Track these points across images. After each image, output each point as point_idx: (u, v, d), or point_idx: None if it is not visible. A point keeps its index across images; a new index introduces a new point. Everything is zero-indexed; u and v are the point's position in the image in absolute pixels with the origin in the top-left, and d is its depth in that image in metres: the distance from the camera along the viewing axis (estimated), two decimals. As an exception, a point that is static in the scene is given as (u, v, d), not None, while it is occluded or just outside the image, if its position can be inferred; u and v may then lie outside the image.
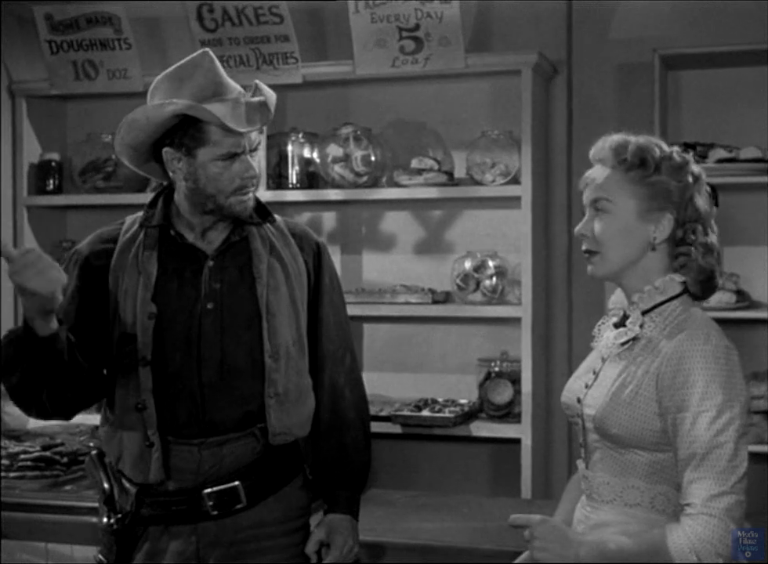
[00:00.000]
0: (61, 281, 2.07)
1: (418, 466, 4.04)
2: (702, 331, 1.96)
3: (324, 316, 2.45)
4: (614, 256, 2.04)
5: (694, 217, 2.04)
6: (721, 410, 1.90)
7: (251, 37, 3.84)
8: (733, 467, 1.89)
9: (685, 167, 2.04)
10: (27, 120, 4.27)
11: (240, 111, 2.24)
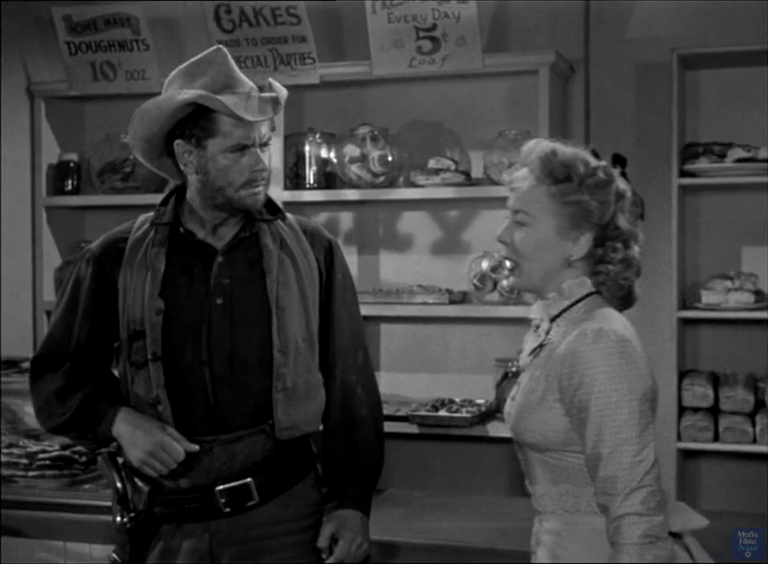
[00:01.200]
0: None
1: (434, 466, 4.04)
2: (594, 329, 1.93)
3: (336, 313, 2.45)
4: (532, 270, 2.04)
5: (615, 235, 2.01)
6: (619, 406, 1.89)
7: (269, 37, 3.84)
8: (639, 461, 1.89)
9: (609, 185, 2.00)
10: (46, 121, 4.30)
11: (252, 103, 2.26)
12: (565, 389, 1.95)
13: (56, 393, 2.36)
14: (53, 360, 2.39)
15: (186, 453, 2.27)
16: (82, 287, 2.38)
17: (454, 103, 4.01)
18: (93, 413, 2.33)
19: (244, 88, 2.28)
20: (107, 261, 2.37)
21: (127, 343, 2.33)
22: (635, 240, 2.05)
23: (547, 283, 2.05)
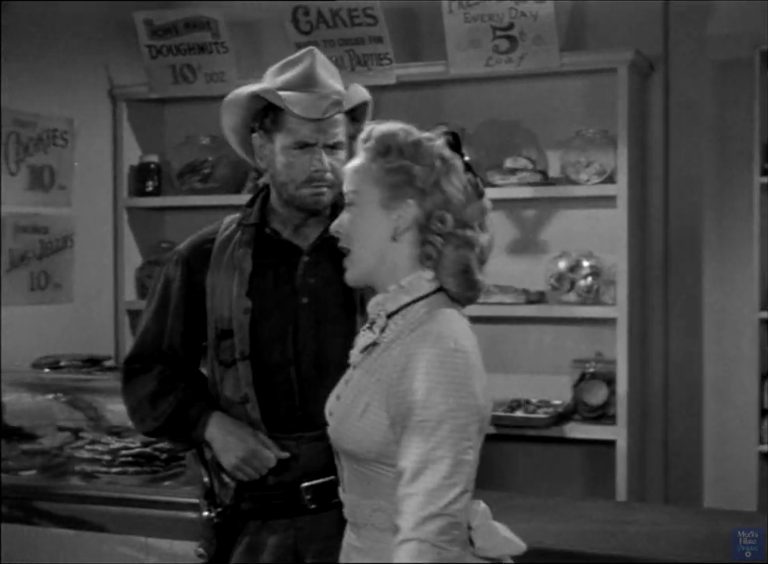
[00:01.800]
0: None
1: (511, 467, 4.02)
2: (433, 333, 1.77)
3: None
4: (363, 252, 1.87)
5: (442, 204, 1.83)
6: (442, 420, 1.70)
7: (346, 38, 3.86)
8: (450, 485, 1.69)
9: (431, 150, 1.84)
10: (128, 123, 4.37)
11: (321, 104, 2.28)
12: (392, 395, 1.76)
13: (149, 397, 2.40)
14: (145, 361, 2.43)
15: (276, 459, 2.30)
16: (172, 288, 2.42)
17: (531, 102, 3.99)
18: (186, 417, 2.36)
19: (322, 90, 2.30)
20: (195, 262, 2.41)
21: (215, 343, 2.36)
22: (471, 219, 1.86)
23: (377, 267, 1.87)
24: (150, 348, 2.44)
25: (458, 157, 1.88)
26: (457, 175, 1.85)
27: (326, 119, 2.29)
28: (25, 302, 3.98)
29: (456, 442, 1.70)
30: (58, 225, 4.09)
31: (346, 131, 2.34)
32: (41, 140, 4.01)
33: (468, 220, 1.85)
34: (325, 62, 2.38)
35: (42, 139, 4.01)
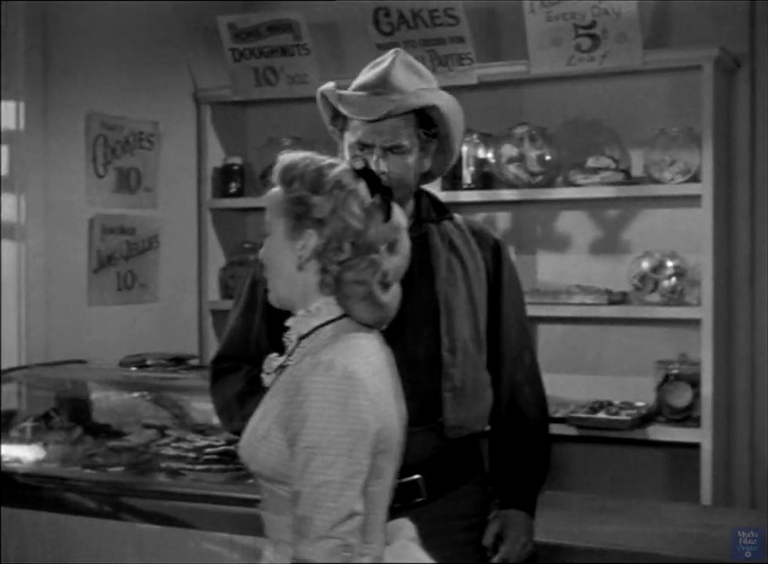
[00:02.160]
0: None
1: (593, 469, 3.99)
2: (324, 362, 1.79)
3: (503, 314, 2.45)
4: (276, 279, 1.94)
5: (340, 232, 1.86)
6: (329, 446, 1.75)
7: (427, 39, 3.87)
8: (336, 508, 1.73)
9: (329, 178, 1.87)
10: (211, 126, 4.44)
11: (376, 105, 2.28)
12: (286, 420, 1.81)
13: (237, 397, 2.42)
14: (233, 361, 2.46)
15: None
16: (258, 288, 2.45)
17: (614, 100, 3.95)
18: None
19: (391, 92, 2.30)
20: None
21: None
22: (378, 244, 1.88)
23: (291, 293, 1.92)
24: (237, 349, 2.47)
25: (361, 182, 1.90)
26: (357, 201, 1.88)
27: (382, 121, 2.28)
28: (112, 302, 4.06)
29: (344, 466, 1.75)
30: (144, 227, 4.17)
31: (414, 135, 2.32)
32: (128, 143, 4.09)
33: (372, 244, 1.88)
34: (410, 64, 2.37)
35: (129, 141, 4.09)
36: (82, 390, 3.86)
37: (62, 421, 3.55)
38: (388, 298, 1.92)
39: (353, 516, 1.76)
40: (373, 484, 1.84)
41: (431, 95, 2.33)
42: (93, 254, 3.96)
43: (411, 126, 2.32)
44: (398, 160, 2.31)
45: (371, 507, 1.83)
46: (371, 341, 1.91)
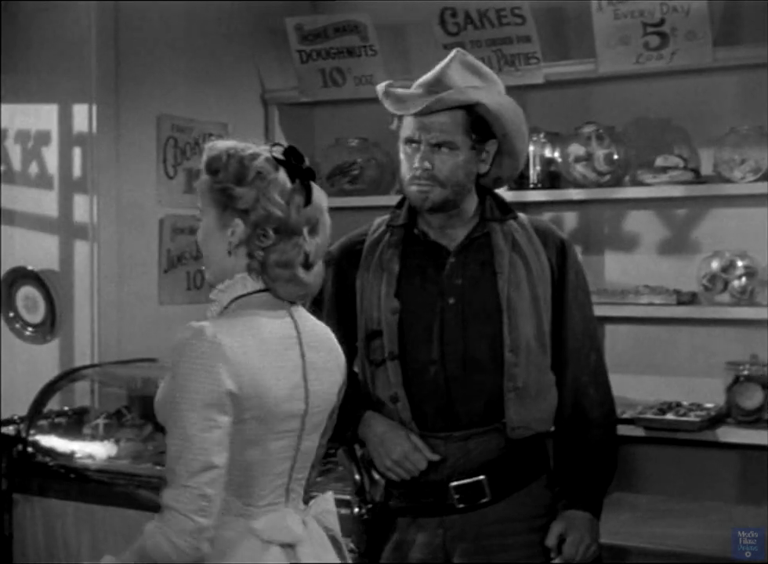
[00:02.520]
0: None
1: (662, 470, 3.95)
2: (199, 325, 1.92)
3: (568, 313, 2.44)
4: (209, 262, 2.05)
5: (264, 220, 1.97)
6: (183, 401, 1.88)
7: (493, 38, 3.86)
8: (190, 460, 1.86)
9: (250, 169, 1.97)
10: (279, 126, 4.47)
11: (418, 101, 2.31)
12: (169, 378, 1.95)
13: None
14: None
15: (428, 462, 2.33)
16: (324, 289, 2.47)
17: (683, 98, 3.91)
18: (340, 418, 2.41)
19: (443, 89, 2.31)
20: (345, 263, 2.46)
21: (365, 343, 2.40)
22: (300, 227, 1.99)
23: (223, 274, 2.03)
24: None
25: (281, 170, 2.00)
26: (278, 189, 1.98)
27: (430, 117, 2.30)
28: (182, 301, 4.11)
29: (196, 422, 1.87)
30: (213, 227, 4.22)
31: (463, 133, 2.33)
32: (198, 144, 4.14)
33: (294, 228, 1.99)
34: (469, 63, 2.38)
35: (198, 143, 4.14)
36: (153, 388, 3.89)
37: (133, 419, 3.61)
38: (310, 277, 2.04)
39: (210, 468, 1.87)
40: (249, 450, 1.96)
41: (477, 93, 2.33)
42: (163, 254, 4.02)
43: (460, 124, 2.32)
44: (446, 157, 2.32)
45: (250, 473, 1.97)
46: (272, 320, 2.02)
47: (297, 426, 2.03)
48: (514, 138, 2.37)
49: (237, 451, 1.95)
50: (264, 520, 2.00)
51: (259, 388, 1.94)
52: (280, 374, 1.99)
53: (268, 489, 2.01)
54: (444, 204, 2.35)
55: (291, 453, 2.03)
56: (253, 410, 1.94)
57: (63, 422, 3.67)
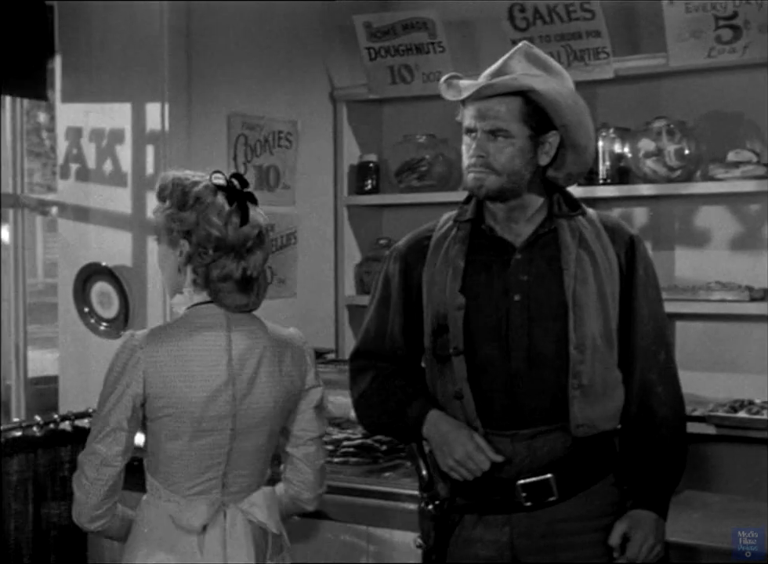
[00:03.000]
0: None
1: (733, 469, 3.90)
2: (132, 333, 2.30)
3: (637, 310, 2.42)
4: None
5: (204, 240, 2.26)
6: (102, 399, 2.28)
7: (562, 34, 3.84)
8: (103, 436, 2.26)
9: (190, 197, 2.27)
10: (348, 124, 4.50)
11: (470, 89, 2.32)
12: None
13: (372, 396, 2.48)
14: (369, 358, 2.51)
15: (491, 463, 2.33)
16: (392, 284, 2.49)
17: (756, 92, 3.84)
18: (405, 416, 2.42)
19: (503, 77, 2.32)
20: (413, 258, 2.47)
21: (432, 338, 2.41)
22: (238, 246, 2.27)
23: (177, 290, 2.35)
24: (372, 345, 2.51)
25: (219, 194, 2.28)
26: (215, 211, 2.27)
27: (485, 106, 2.30)
28: (252, 297, 4.15)
29: (107, 407, 2.27)
30: (282, 223, 4.26)
31: (520, 121, 2.32)
32: (267, 142, 4.18)
33: (232, 245, 2.27)
34: (533, 55, 2.37)
35: (268, 140, 4.19)
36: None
37: (204, 412, 3.65)
38: (251, 288, 2.33)
39: (94, 454, 2.27)
40: (169, 443, 2.28)
41: (531, 80, 2.32)
42: (234, 251, 4.06)
43: (516, 112, 2.32)
44: (501, 145, 2.32)
45: (173, 464, 2.29)
46: (204, 330, 2.30)
47: (226, 426, 2.29)
48: (575, 130, 2.35)
49: (160, 444, 2.29)
50: (178, 507, 2.29)
51: (169, 390, 2.25)
52: (198, 378, 2.26)
53: (195, 480, 2.30)
54: (501, 192, 2.35)
55: (221, 450, 2.29)
56: (166, 408, 2.26)
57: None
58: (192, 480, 2.30)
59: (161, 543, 2.28)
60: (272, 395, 2.33)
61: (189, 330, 2.29)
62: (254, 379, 2.31)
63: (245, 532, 2.33)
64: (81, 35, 3.97)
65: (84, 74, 3.98)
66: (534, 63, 2.36)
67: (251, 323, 2.35)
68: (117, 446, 2.27)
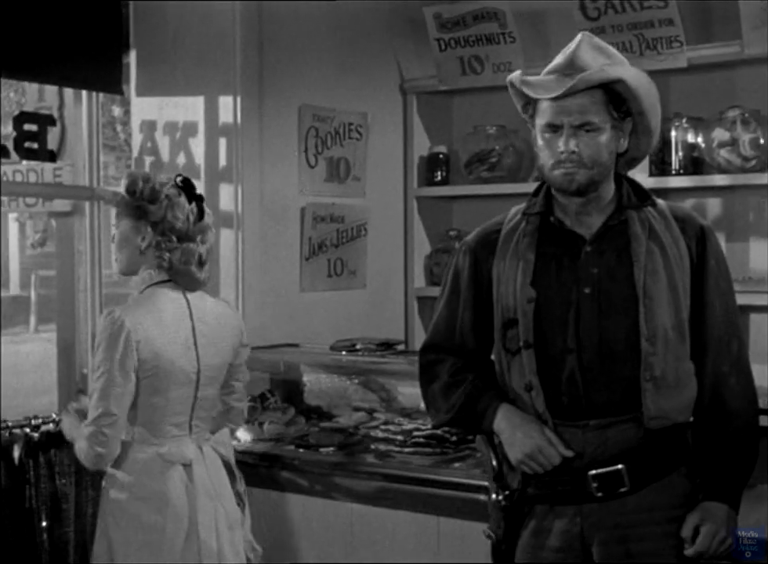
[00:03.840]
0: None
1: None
2: (110, 309, 2.76)
3: (708, 301, 2.40)
4: (122, 258, 2.86)
5: (169, 230, 2.80)
6: (98, 365, 2.73)
7: (635, 23, 3.81)
8: (97, 406, 2.71)
9: (161, 192, 2.80)
10: (417, 115, 4.51)
11: (558, 84, 2.28)
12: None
13: (441, 390, 2.48)
14: (439, 352, 2.52)
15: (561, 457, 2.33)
16: (461, 278, 2.49)
17: (835, 80, 3.78)
18: (475, 410, 2.43)
19: (577, 70, 2.29)
20: (482, 252, 2.47)
21: (502, 331, 2.41)
22: (194, 237, 2.83)
23: (132, 267, 2.84)
24: (442, 339, 2.52)
25: (182, 194, 2.84)
26: (180, 208, 2.82)
27: (569, 100, 2.28)
28: (323, 288, 4.20)
29: (105, 380, 2.70)
30: (353, 215, 4.29)
31: (605, 112, 2.30)
32: (338, 134, 4.22)
33: (191, 237, 2.83)
34: (597, 45, 2.35)
35: (339, 132, 4.22)
36: (295, 373, 4.01)
37: (276, 402, 3.70)
38: (202, 272, 2.88)
39: (108, 414, 2.70)
40: (154, 397, 2.77)
41: (617, 69, 2.31)
42: (305, 242, 4.10)
43: (600, 103, 2.30)
44: (589, 139, 2.30)
45: (156, 414, 2.79)
46: (169, 302, 2.82)
47: (193, 379, 2.82)
48: (650, 114, 2.35)
49: (146, 398, 2.77)
50: (167, 447, 2.79)
51: (154, 353, 2.74)
52: (173, 341, 2.78)
53: (172, 425, 2.81)
54: (589, 185, 2.34)
55: (189, 399, 2.82)
56: (152, 369, 2.75)
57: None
58: (173, 425, 2.82)
59: (152, 477, 2.77)
60: (221, 353, 2.90)
61: (157, 296, 2.81)
62: (209, 339, 2.86)
63: (220, 465, 2.90)
64: (155, 30, 4.03)
65: (158, 68, 4.05)
66: (600, 52, 2.35)
67: (201, 297, 2.91)
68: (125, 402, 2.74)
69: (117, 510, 2.79)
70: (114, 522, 2.79)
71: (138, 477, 2.78)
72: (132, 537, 2.77)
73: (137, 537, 2.76)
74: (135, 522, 2.76)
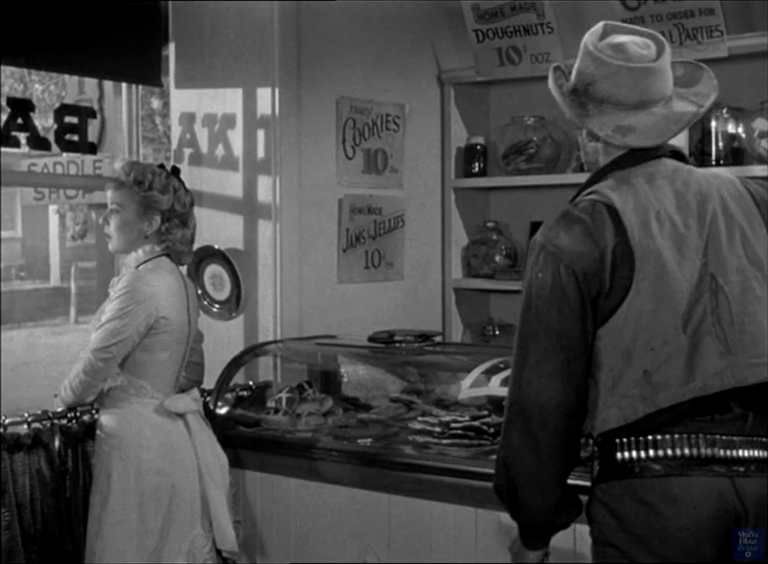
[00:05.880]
0: None
1: None
2: (134, 270, 3.09)
3: None
4: (120, 240, 3.14)
5: (174, 217, 3.15)
6: (115, 317, 3.02)
7: (674, 12, 3.78)
8: (98, 340, 3.01)
9: (169, 184, 3.14)
10: (455, 106, 4.50)
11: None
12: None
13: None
14: None
15: None
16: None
17: None
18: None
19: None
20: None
21: None
22: (190, 220, 3.21)
23: (131, 248, 3.13)
24: None
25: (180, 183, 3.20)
26: (179, 198, 3.16)
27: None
28: (360, 280, 4.20)
29: (117, 323, 3.01)
30: (390, 206, 4.29)
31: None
32: (376, 125, 4.22)
33: (187, 221, 3.20)
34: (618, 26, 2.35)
35: (376, 124, 4.22)
36: (333, 364, 4.03)
37: (314, 393, 3.71)
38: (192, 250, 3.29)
39: (106, 351, 3.01)
40: (163, 353, 3.09)
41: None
42: (343, 234, 4.11)
43: None
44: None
45: (161, 368, 3.10)
46: (169, 272, 3.14)
47: (187, 339, 3.17)
48: None
49: (154, 354, 3.08)
50: (170, 399, 3.10)
51: (167, 313, 3.07)
52: (176, 305, 3.10)
53: (171, 380, 3.15)
54: None
55: (182, 355, 3.17)
56: (165, 327, 3.06)
57: (247, 395, 3.82)
58: (169, 380, 3.14)
59: (155, 428, 3.06)
60: (195, 317, 3.25)
61: (161, 267, 3.12)
62: (193, 303, 3.22)
63: (202, 417, 3.24)
64: (194, 22, 4.05)
65: (196, 61, 4.07)
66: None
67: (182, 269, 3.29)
68: (124, 349, 3.03)
69: (119, 462, 3.03)
70: (117, 476, 3.02)
71: (141, 430, 3.06)
72: (139, 487, 3.03)
73: (144, 485, 3.03)
74: (144, 469, 3.03)
